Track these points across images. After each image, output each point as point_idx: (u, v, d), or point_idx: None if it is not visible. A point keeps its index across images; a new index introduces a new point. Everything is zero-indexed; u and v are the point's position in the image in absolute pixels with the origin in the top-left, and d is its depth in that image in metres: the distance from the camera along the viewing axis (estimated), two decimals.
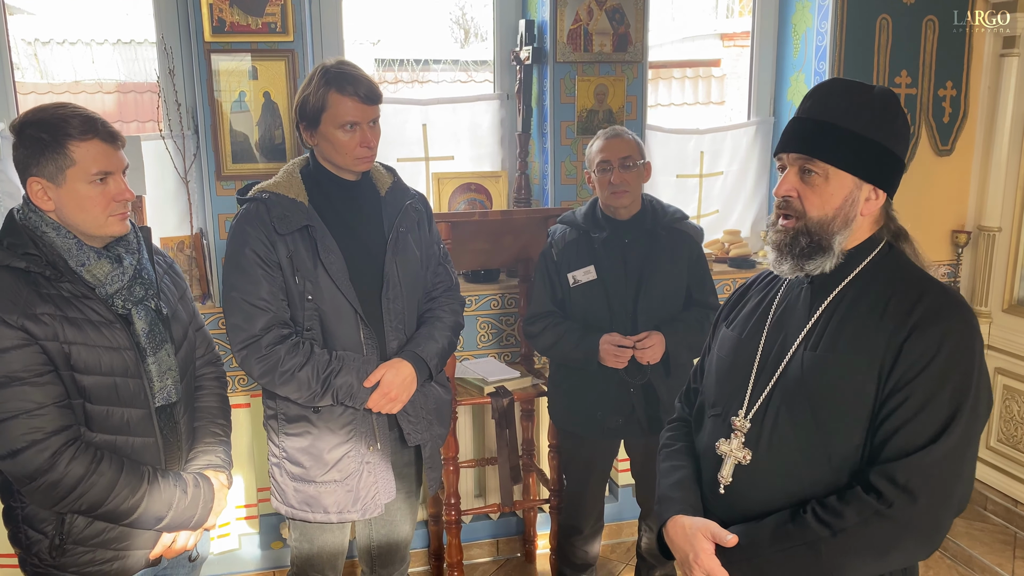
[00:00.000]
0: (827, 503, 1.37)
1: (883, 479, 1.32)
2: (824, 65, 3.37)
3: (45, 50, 5.73)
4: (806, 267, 1.44)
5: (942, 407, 1.32)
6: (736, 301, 1.69)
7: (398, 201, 2.15)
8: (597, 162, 2.51)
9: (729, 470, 1.50)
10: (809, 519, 1.36)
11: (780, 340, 1.50)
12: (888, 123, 1.41)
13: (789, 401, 1.43)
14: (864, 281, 1.44)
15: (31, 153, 1.61)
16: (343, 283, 2.00)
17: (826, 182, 1.40)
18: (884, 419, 1.35)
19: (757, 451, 1.46)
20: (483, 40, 5.88)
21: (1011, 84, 3.46)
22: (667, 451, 1.71)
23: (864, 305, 1.41)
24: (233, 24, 2.82)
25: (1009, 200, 3.56)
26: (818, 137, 1.40)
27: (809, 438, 1.41)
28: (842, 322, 1.42)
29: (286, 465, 2.10)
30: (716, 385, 1.61)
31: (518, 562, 3.38)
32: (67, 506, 1.62)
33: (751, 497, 1.47)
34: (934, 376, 1.32)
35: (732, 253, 3.57)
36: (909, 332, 1.34)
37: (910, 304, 1.37)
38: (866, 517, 1.32)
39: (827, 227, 1.42)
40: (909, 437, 1.32)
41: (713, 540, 1.46)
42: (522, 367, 3.13)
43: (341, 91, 1.96)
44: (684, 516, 1.53)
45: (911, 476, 1.30)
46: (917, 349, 1.33)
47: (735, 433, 1.50)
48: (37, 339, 1.58)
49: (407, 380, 2.05)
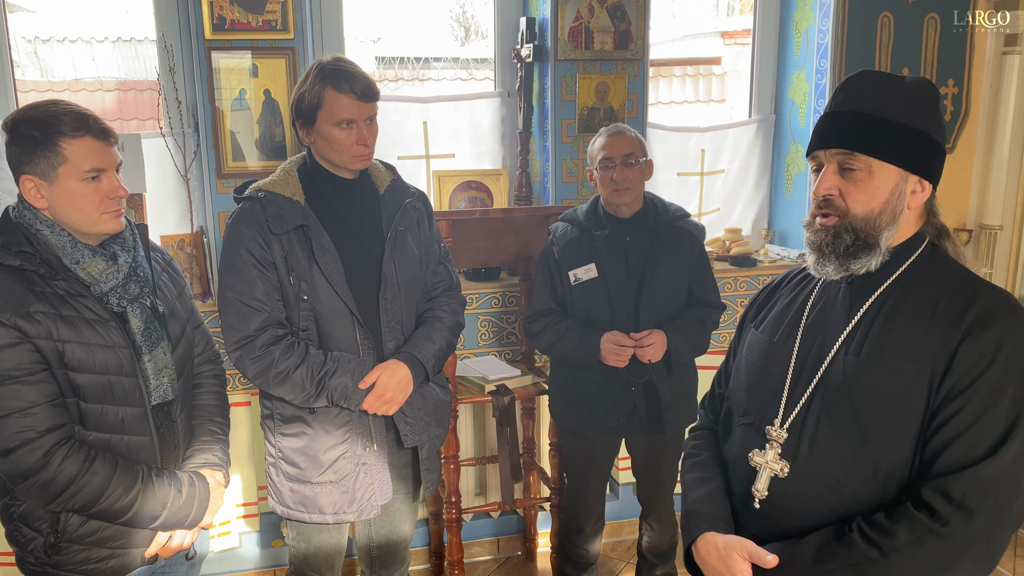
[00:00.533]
0: (875, 521, 1.28)
1: (937, 495, 1.23)
2: (825, 63, 3.37)
3: (45, 48, 5.73)
4: (851, 266, 1.36)
5: (1000, 417, 1.23)
6: (764, 301, 1.60)
7: (397, 199, 2.13)
8: (599, 159, 2.50)
9: (764, 483, 1.40)
10: (856, 538, 1.27)
11: (817, 344, 1.41)
12: (928, 110, 1.34)
13: (830, 410, 1.35)
14: (908, 281, 1.36)
15: (23, 151, 1.60)
16: (339, 283, 1.98)
17: (870, 176, 1.32)
18: (936, 430, 1.26)
19: (795, 463, 1.37)
20: (483, 38, 5.87)
21: (1013, 82, 3.45)
22: (692, 461, 1.60)
23: (910, 307, 1.33)
24: (233, 22, 2.81)
25: (1011, 198, 3.55)
26: (856, 129, 1.32)
27: (853, 449, 1.32)
28: (887, 325, 1.34)
29: (282, 465, 2.09)
30: (746, 392, 1.51)
31: (519, 560, 3.38)
32: (60, 505, 1.62)
33: (788, 512, 1.38)
34: (991, 384, 1.24)
35: (733, 251, 3.56)
36: (963, 336, 1.26)
37: (962, 306, 1.29)
38: (919, 536, 1.23)
39: (873, 223, 1.33)
40: (965, 449, 1.23)
41: (750, 560, 1.37)
42: (523, 365, 3.12)
43: (337, 88, 1.94)
44: (716, 533, 1.44)
45: (968, 491, 1.22)
46: (972, 355, 1.25)
47: (771, 444, 1.40)
48: (30, 337, 1.57)
49: (403, 382, 2.03)
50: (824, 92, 3.39)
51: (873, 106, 1.32)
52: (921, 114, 1.33)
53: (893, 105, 1.32)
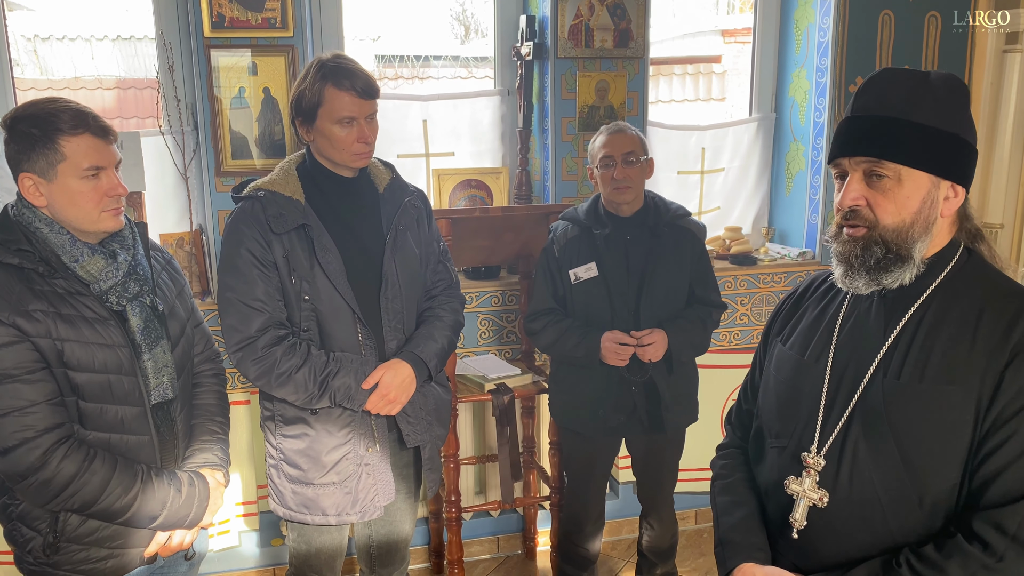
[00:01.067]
0: (924, 554, 1.21)
1: (989, 527, 1.17)
2: (826, 61, 3.36)
3: (45, 46, 5.72)
4: (883, 280, 1.27)
5: None
6: (790, 313, 1.51)
7: (397, 198, 2.12)
8: (600, 157, 2.50)
9: (803, 513, 1.33)
10: (905, 573, 1.21)
11: (852, 364, 1.33)
12: (957, 108, 1.26)
13: (870, 436, 1.28)
14: (946, 293, 1.27)
15: (22, 148, 1.59)
16: (340, 283, 1.97)
17: (899, 185, 1.23)
18: (986, 458, 1.19)
19: (835, 492, 1.30)
20: (483, 36, 5.86)
21: (1014, 80, 3.44)
22: (723, 483, 1.53)
23: (951, 323, 1.25)
24: (233, 19, 2.81)
25: (1012, 197, 3.54)
26: (883, 135, 1.23)
27: (895, 478, 1.25)
28: (926, 344, 1.25)
29: (284, 467, 2.08)
30: (778, 413, 1.44)
31: (519, 559, 3.38)
32: (59, 504, 1.61)
33: (829, 543, 1.32)
34: None
35: (733, 250, 3.55)
36: (1010, 357, 1.19)
37: (1007, 323, 1.21)
38: (972, 572, 1.17)
39: (905, 235, 1.25)
40: (1018, 479, 1.17)
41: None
42: (523, 364, 3.12)
43: (338, 86, 1.92)
44: (755, 564, 1.37)
45: (1023, 524, 1.15)
46: (1022, 377, 1.18)
47: (807, 471, 1.33)
48: (29, 336, 1.56)
49: (406, 381, 2.02)
50: (824, 90, 3.39)
51: (899, 108, 1.23)
52: (950, 114, 1.24)
53: (920, 106, 1.23)
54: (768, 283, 3.46)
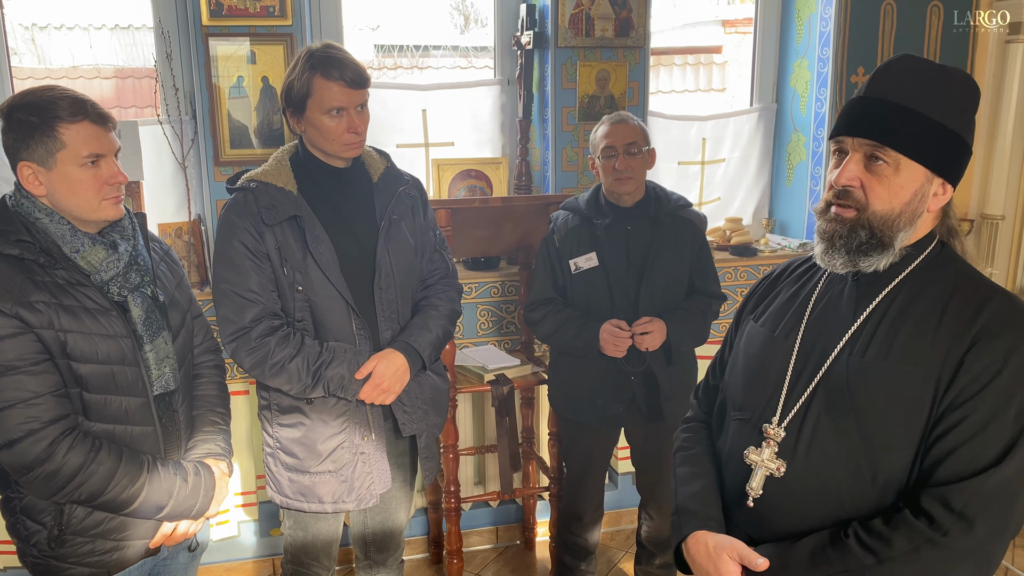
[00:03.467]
0: (872, 527, 1.24)
1: (937, 503, 1.20)
2: (827, 51, 3.35)
3: (43, 35, 5.70)
4: (860, 264, 1.31)
5: (1006, 428, 1.19)
6: (764, 293, 1.54)
7: (391, 187, 2.11)
8: (602, 148, 2.49)
9: (759, 482, 1.36)
10: (852, 544, 1.24)
11: (820, 341, 1.37)
12: (966, 110, 1.27)
13: (831, 410, 1.31)
14: (917, 281, 1.31)
15: (20, 137, 1.58)
16: (333, 274, 1.97)
17: (896, 173, 1.25)
18: (939, 437, 1.22)
19: (792, 463, 1.33)
20: (483, 26, 5.84)
21: (1016, 70, 3.43)
22: (684, 455, 1.56)
23: (919, 309, 1.28)
24: (231, 8, 2.79)
25: (1013, 188, 3.54)
26: (891, 122, 1.24)
27: (853, 453, 1.28)
28: (894, 326, 1.29)
29: (280, 455, 2.08)
30: (744, 386, 1.47)
31: (518, 549, 3.38)
32: (65, 496, 1.61)
33: (783, 513, 1.35)
34: (998, 393, 1.20)
35: (734, 241, 3.55)
36: (971, 343, 1.22)
37: (972, 311, 1.24)
38: (917, 545, 1.20)
39: (891, 223, 1.27)
40: (967, 459, 1.20)
41: (740, 562, 1.34)
42: (522, 355, 3.12)
43: (326, 76, 1.91)
44: (708, 532, 1.41)
45: (969, 502, 1.19)
46: (980, 363, 1.21)
47: (767, 442, 1.36)
48: (32, 327, 1.55)
49: (399, 371, 2.02)
50: (826, 81, 3.37)
51: (912, 98, 1.24)
52: (959, 114, 1.26)
53: (934, 100, 1.24)
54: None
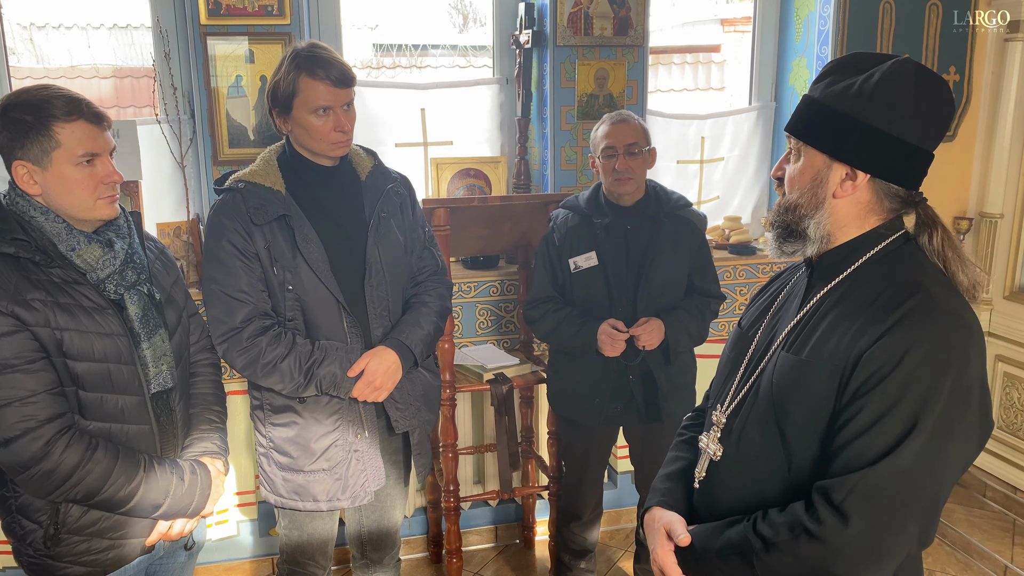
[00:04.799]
0: (769, 515, 1.29)
1: (820, 496, 1.22)
2: (826, 50, 3.34)
3: (41, 34, 5.70)
4: (784, 250, 1.36)
5: (893, 426, 1.18)
6: (759, 294, 1.60)
7: (379, 185, 2.11)
8: (602, 148, 2.48)
9: (703, 465, 1.45)
10: (748, 528, 1.30)
11: (772, 335, 1.42)
12: (882, 103, 1.24)
13: (759, 402, 1.36)
14: (858, 277, 1.31)
15: (15, 136, 1.58)
16: (323, 272, 1.98)
17: (798, 158, 1.32)
18: (838, 431, 1.24)
19: (726, 448, 1.41)
20: (482, 25, 5.84)
21: (1015, 69, 3.43)
22: (676, 441, 1.65)
23: (849, 304, 1.29)
24: (229, 7, 2.79)
25: (1012, 187, 3.53)
26: (798, 111, 1.33)
27: (772, 443, 1.33)
28: (818, 321, 1.32)
29: (274, 455, 2.09)
30: (716, 378, 1.57)
31: (517, 548, 3.38)
32: (62, 495, 1.60)
33: (719, 495, 1.42)
34: (891, 388, 1.19)
35: (733, 240, 3.55)
36: (876, 338, 1.21)
37: (892, 307, 1.23)
38: (797, 534, 1.23)
39: (794, 209, 1.33)
40: (856, 454, 1.20)
41: (668, 533, 1.43)
42: (521, 354, 3.12)
43: (312, 75, 1.92)
44: (660, 508, 1.49)
45: (847, 496, 1.19)
46: (880, 358, 1.20)
47: (713, 428, 1.44)
48: (28, 325, 1.55)
49: (391, 368, 2.03)
50: None
51: (817, 89, 1.30)
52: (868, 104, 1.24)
53: (838, 91, 1.26)
54: (767, 273, 3.45)
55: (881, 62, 1.27)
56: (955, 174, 3.64)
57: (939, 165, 3.92)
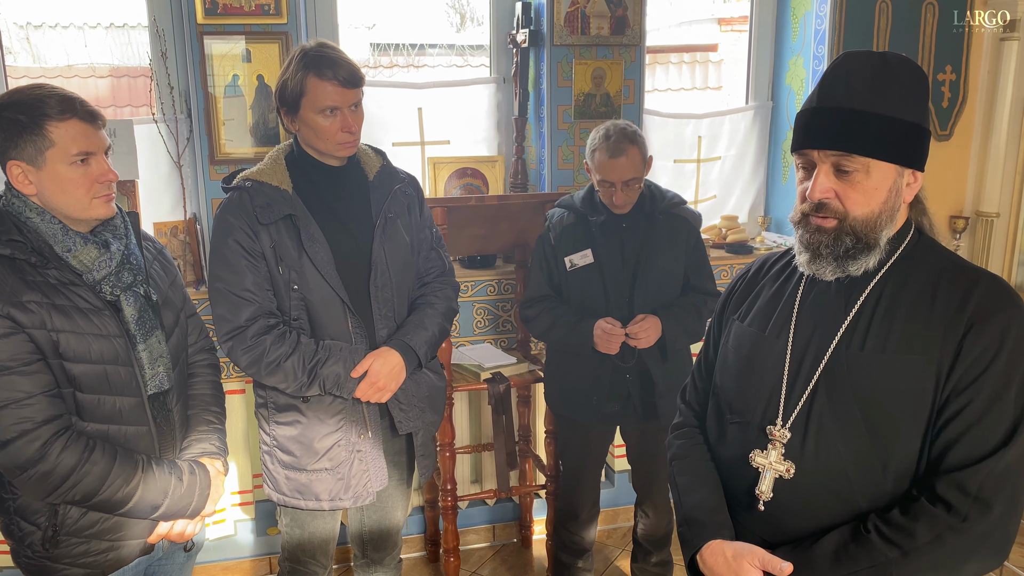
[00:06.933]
0: (890, 519, 1.25)
1: (953, 489, 1.22)
2: (823, 49, 3.35)
3: (37, 34, 5.68)
4: (849, 268, 1.31)
5: (1008, 408, 1.22)
6: (744, 293, 1.54)
7: (386, 185, 2.11)
8: (599, 180, 2.46)
9: (769, 485, 1.36)
10: (875, 539, 1.25)
11: (815, 338, 1.36)
12: (918, 97, 1.28)
13: (835, 407, 1.31)
14: (902, 270, 1.32)
15: (9, 136, 1.57)
16: (329, 272, 1.98)
17: (868, 177, 1.26)
18: (947, 423, 1.24)
19: (801, 463, 1.33)
20: (479, 24, 5.83)
21: (1011, 68, 3.43)
22: (681, 463, 1.55)
23: (908, 297, 1.30)
24: (226, 6, 2.79)
25: (1008, 186, 3.54)
26: (850, 128, 1.25)
27: (861, 447, 1.29)
28: (887, 316, 1.30)
29: (277, 453, 2.09)
30: (738, 389, 1.46)
31: (514, 547, 3.39)
32: (60, 497, 1.60)
33: (795, 514, 1.35)
34: (998, 375, 1.22)
35: (729, 239, 3.55)
36: (967, 328, 1.24)
37: (962, 295, 1.26)
38: (939, 532, 1.22)
39: (874, 224, 1.28)
40: (977, 442, 1.22)
41: (762, 568, 1.32)
42: (519, 353, 3.12)
43: (320, 75, 1.91)
44: (723, 541, 1.39)
45: (983, 484, 1.21)
46: (978, 346, 1.23)
47: (773, 444, 1.36)
48: (24, 327, 1.55)
49: (395, 369, 2.02)
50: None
51: (865, 100, 1.25)
52: (913, 103, 1.27)
53: (885, 96, 1.25)
54: None
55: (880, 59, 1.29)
56: (951, 173, 3.65)
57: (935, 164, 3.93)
